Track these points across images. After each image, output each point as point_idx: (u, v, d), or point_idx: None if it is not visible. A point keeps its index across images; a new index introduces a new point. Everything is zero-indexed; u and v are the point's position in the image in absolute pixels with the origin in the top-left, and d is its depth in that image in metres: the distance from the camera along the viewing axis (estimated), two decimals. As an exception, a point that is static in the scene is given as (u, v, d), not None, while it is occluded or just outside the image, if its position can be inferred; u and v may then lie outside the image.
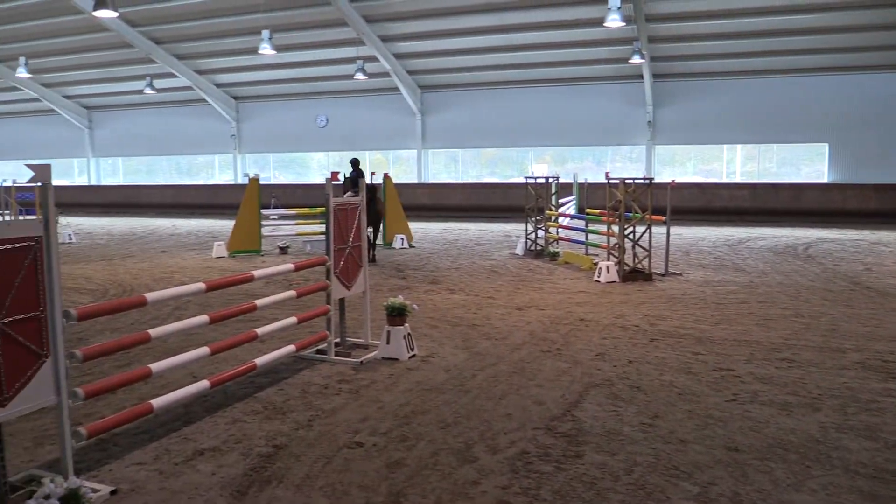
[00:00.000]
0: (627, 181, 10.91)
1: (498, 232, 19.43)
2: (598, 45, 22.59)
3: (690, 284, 10.38)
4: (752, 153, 24.65)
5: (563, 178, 16.79)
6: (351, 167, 15.17)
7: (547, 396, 5.23)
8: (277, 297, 5.95)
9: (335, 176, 6.41)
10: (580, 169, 24.33)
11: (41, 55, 27.06)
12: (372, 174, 16.39)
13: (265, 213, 15.37)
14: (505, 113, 26.22)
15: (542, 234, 14.09)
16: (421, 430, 4.59)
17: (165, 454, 4.25)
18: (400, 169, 28.45)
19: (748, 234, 18.29)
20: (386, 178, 16.14)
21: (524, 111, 25.97)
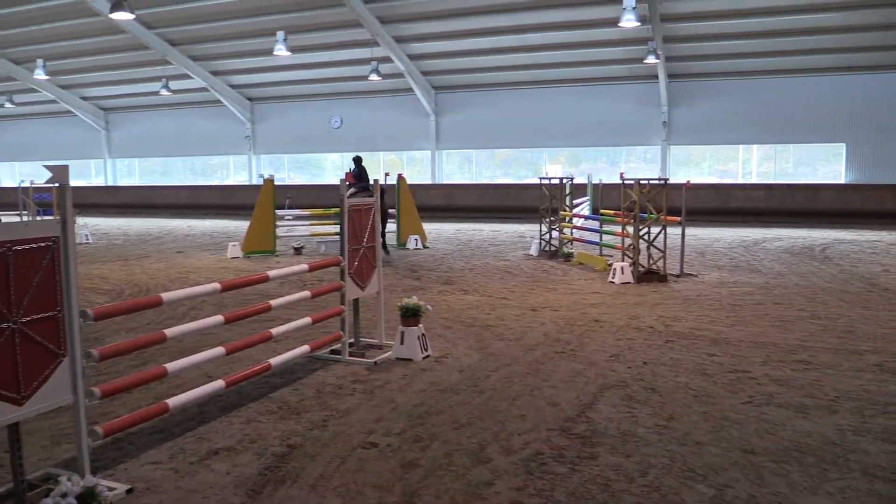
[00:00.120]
0: (642, 182, 10.87)
1: (512, 233, 19.40)
2: (612, 45, 22.52)
3: (706, 285, 10.32)
4: (768, 153, 24.47)
5: (577, 178, 16.74)
6: (354, 165, 15.16)
7: (561, 397, 5.22)
8: (292, 297, 5.97)
9: (349, 177, 6.43)
10: (594, 169, 24.26)
11: (59, 57, 27.34)
12: (386, 175, 16.42)
13: (280, 213, 15.42)
14: (519, 113, 26.19)
15: (556, 234, 14.06)
16: (435, 430, 4.59)
17: (181, 453, 4.27)
18: (414, 170, 28.48)
19: (764, 234, 18.16)
20: (400, 178, 16.16)
21: (538, 112, 25.93)
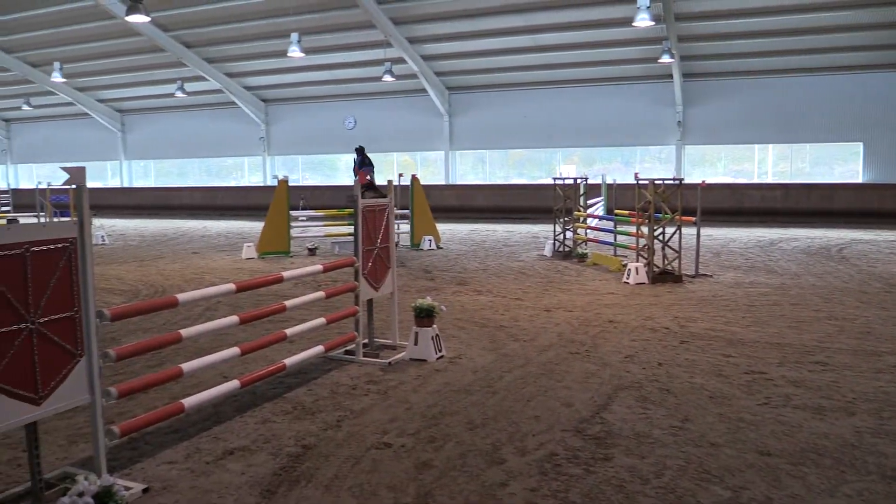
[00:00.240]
0: (657, 182, 10.82)
1: (526, 233, 19.37)
2: (627, 44, 22.44)
3: (721, 286, 10.26)
4: (784, 153, 24.30)
5: (591, 178, 16.69)
6: (358, 155, 15.13)
7: (575, 398, 5.20)
8: (306, 297, 5.98)
9: (363, 177, 6.44)
10: (608, 170, 24.17)
11: (75, 60, 27.60)
12: (399, 176, 16.44)
13: (294, 214, 15.47)
14: (533, 114, 26.14)
15: (570, 235, 14.02)
16: (449, 431, 4.59)
17: (196, 453, 4.29)
18: (427, 170, 28.49)
19: (780, 235, 18.03)
20: (414, 179, 16.17)
21: (552, 112, 25.88)
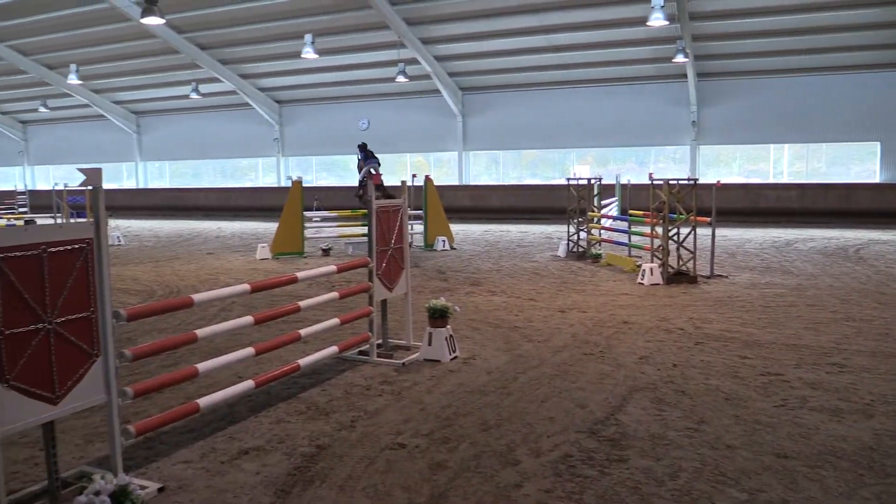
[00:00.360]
0: (671, 182, 10.77)
1: (539, 234, 19.34)
2: (640, 44, 22.34)
3: (737, 287, 10.19)
4: (800, 153, 24.11)
5: (605, 179, 16.64)
6: (360, 152, 15.30)
7: (590, 400, 5.18)
8: (320, 298, 6.00)
9: (377, 178, 6.45)
10: (623, 170, 24.09)
11: (91, 62, 27.81)
12: (413, 176, 16.45)
13: (308, 215, 15.52)
14: (546, 114, 26.09)
15: (584, 235, 13.98)
16: (463, 431, 4.58)
17: (211, 453, 4.31)
18: (441, 171, 28.49)
19: (796, 235, 17.90)
20: (427, 180, 16.18)
21: (566, 112, 25.81)
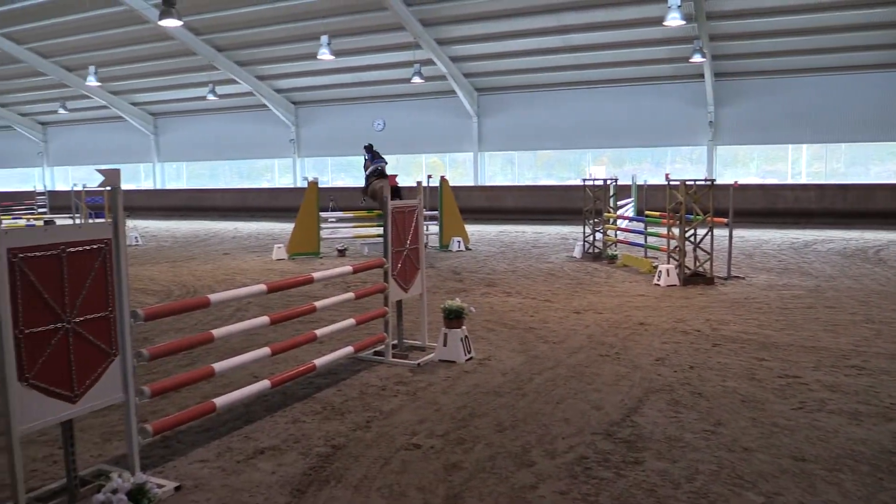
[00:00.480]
0: (688, 182, 10.71)
1: (555, 234, 19.29)
2: (657, 44, 22.23)
3: (754, 288, 10.11)
4: (818, 153, 23.88)
5: (621, 179, 16.57)
6: (367, 152, 15.47)
7: (606, 401, 5.16)
8: (336, 298, 6.01)
9: (393, 179, 6.46)
10: (639, 170, 23.98)
11: (109, 64, 28.07)
12: (429, 177, 16.46)
13: (323, 215, 15.57)
14: (562, 114, 26.01)
15: (600, 236, 13.93)
16: (478, 432, 4.58)
17: (227, 452, 4.33)
18: (456, 171, 28.50)
19: (815, 236, 17.74)
20: (443, 180, 16.18)
21: (581, 112, 25.72)
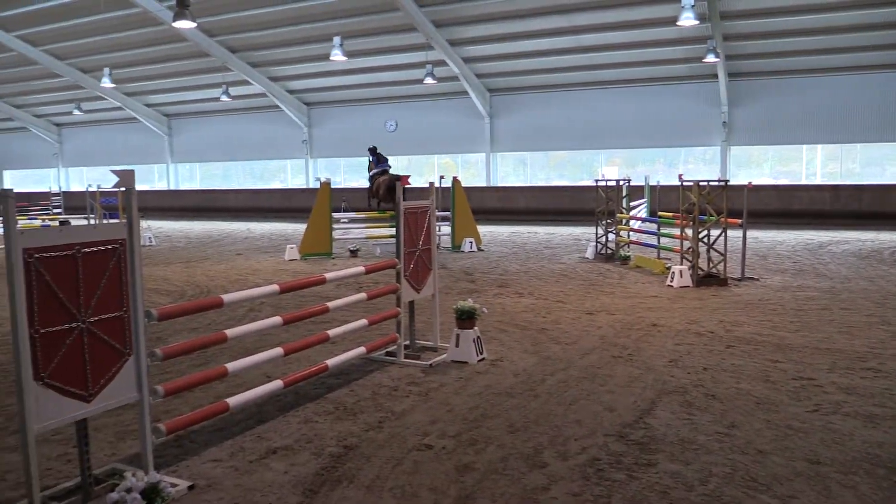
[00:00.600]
0: (701, 183, 10.65)
1: (567, 235, 19.24)
2: (670, 44, 22.14)
3: (768, 290, 10.05)
4: (833, 153, 23.72)
5: (634, 180, 16.50)
6: (371, 155, 16.08)
7: (618, 403, 5.14)
8: (348, 299, 6.02)
9: (405, 180, 6.46)
10: (652, 171, 23.87)
11: (124, 66, 28.26)
12: (441, 178, 16.47)
13: (336, 216, 15.60)
14: (574, 115, 25.95)
15: (612, 237, 13.88)
16: (490, 433, 4.57)
17: (240, 452, 4.34)
18: (468, 172, 28.49)
19: (830, 237, 17.60)
20: (455, 181, 16.18)
21: (594, 113, 25.66)
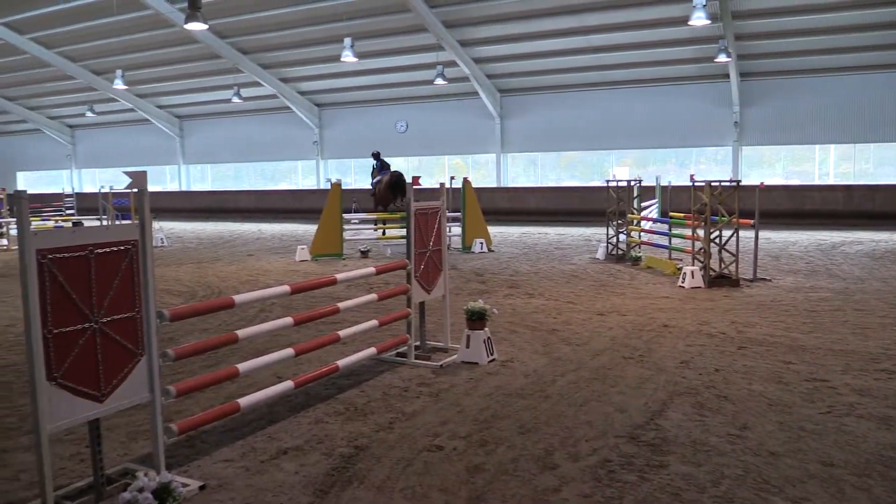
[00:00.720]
0: (713, 183, 10.61)
1: (578, 236, 19.20)
2: (682, 44, 22.07)
3: (780, 290, 9.99)
4: (846, 153, 23.56)
5: (645, 181, 16.45)
6: (375, 160, 16.51)
7: (629, 404, 5.12)
8: (359, 300, 6.03)
9: (416, 181, 6.46)
10: (663, 171, 23.79)
11: (136, 67, 28.42)
12: (451, 178, 16.48)
13: (346, 217, 15.64)
14: (585, 115, 25.91)
15: (623, 238, 13.84)
16: (501, 434, 4.56)
17: (251, 452, 4.35)
18: (479, 173, 28.49)
19: (843, 238, 17.49)
20: (465, 182, 16.18)
21: (605, 113, 25.60)
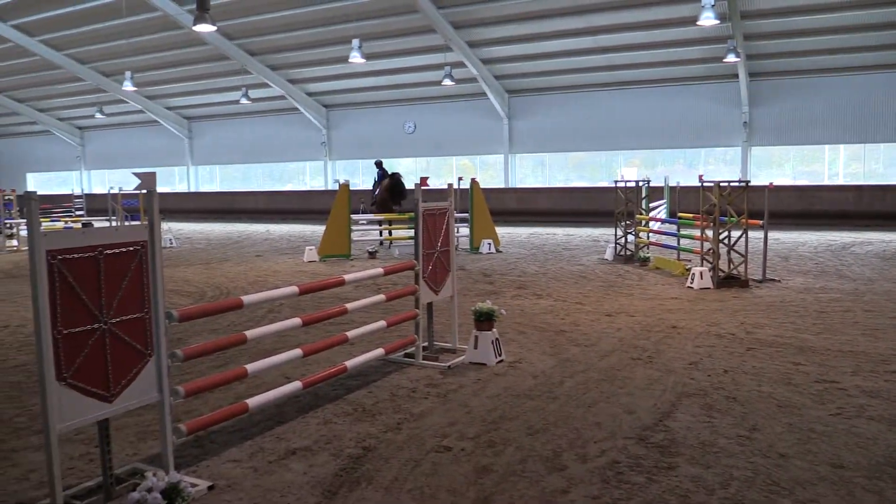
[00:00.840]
0: (722, 184, 10.57)
1: (586, 237, 19.17)
2: (690, 44, 22.00)
3: (790, 291, 9.94)
4: (856, 153, 23.43)
5: (653, 181, 16.41)
6: (377, 168, 17.40)
7: (638, 405, 5.11)
8: (367, 300, 6.04)
9: (424, 182, 6.47)
10: (671, 172, 23.70)
11: (145, 69, 28.54)
12: (459, 179, 16.50)
13: (355, 218, 15.65)
14: (593, 116, 25.86)
15: (631, 238, 13.81)
16: (509, 436, 4.56)
17: (259, 452, 4.36)
18: (487, 174, 28.48)
19: (853, 238, 17.39)
20: (473, 182, 16.18)
21: (613, 114, 25.55)
